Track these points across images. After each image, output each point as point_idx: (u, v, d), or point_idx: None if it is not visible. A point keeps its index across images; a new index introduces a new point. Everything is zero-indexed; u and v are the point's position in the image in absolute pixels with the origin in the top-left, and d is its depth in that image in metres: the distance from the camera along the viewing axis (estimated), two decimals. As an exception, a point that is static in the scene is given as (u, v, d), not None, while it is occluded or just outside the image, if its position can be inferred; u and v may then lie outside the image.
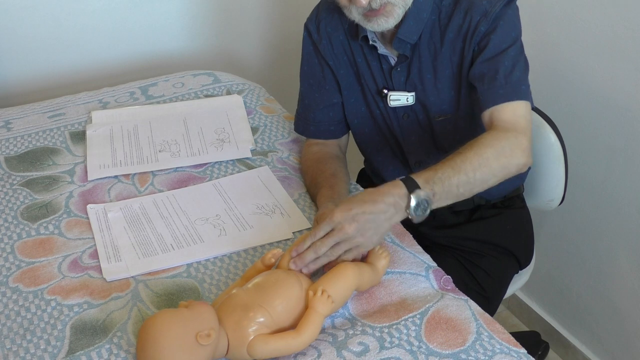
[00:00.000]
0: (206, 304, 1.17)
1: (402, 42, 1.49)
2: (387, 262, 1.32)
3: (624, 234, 1.93)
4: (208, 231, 1.48)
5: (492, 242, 1.66)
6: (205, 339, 1.11)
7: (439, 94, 1.54)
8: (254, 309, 1.16)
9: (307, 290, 1.21)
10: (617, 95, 1.82)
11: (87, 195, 1.60)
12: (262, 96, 2.00)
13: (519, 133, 1.37)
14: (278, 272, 1.24)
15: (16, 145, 1.78)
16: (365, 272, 1.27)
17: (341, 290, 1.22)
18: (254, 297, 1.18)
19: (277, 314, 1.17)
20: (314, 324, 1.17)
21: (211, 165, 1.69)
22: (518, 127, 1.38)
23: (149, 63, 2.35)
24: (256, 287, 1.20)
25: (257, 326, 1.15)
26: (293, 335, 1.16)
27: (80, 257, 1.42)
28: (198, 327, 1.12)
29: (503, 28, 1.45)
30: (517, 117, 1.39)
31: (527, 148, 1.37)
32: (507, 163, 1.33)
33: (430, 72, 1.53)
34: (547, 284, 2.26)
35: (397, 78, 1.55)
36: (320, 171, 1.58)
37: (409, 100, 1.56)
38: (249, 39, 2.49)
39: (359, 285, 1.26)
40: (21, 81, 2.21)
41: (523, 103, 1.42)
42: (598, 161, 1.93)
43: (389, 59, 1.55)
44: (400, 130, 1.61)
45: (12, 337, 1.25)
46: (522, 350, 1.19)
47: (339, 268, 1.25)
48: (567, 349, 2.24)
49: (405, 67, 1.54)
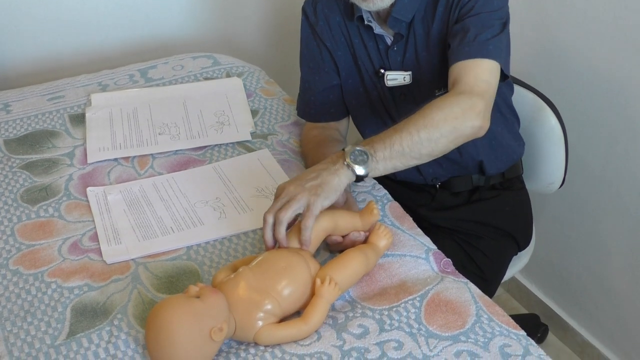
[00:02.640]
0: (218, 293, 1.15)
1: (397, 21, 1.49)
2: (389, 243, 1.32)
3: (623, 217, 1.93)
4: (208, 214, 1.48)
5: (491, 224, 1.66)
6: (218, 334, 1.11)
7: (435, 70, 1.53)
8: (262, 295, 1.16)
9: (315, 277, 1.21)
10: (618, 78, 1.81)
11: (86, 178, 1.60)
12: (262, 79, 1.99)
13: (475, 95, 1.32)
14: (287, 255, 1.23)
15: (15, 128, 1.77)
16: (370, 256, 1.27)
17: (347, 277, 1.23)
18: (262, 282, 1.18)
19: (285, 302, 1.17)
20: (321, 312, 1.18)
21: (211, 148, 1.69)
22: (475, 90, 1.33)
23: (149, 45, 2.34)
24: (265, 270, 1.19)
25: (264, 313, 1.16)
26: (300, 324, 1.17)
27: (80, 240, 1.42)
28: (212, 321, 1.11)
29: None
30: (477, 80, 1.35)
31: (482, 111, 1.32)
32: (458, 125, 1.30)
33: (425, 49, 1.52)
34: (547, 267, 2.27)
35: (394, 57, 1.55)
36: (322, 154, 1.58)
37: (405, 79, 1.55)
38: (249, 21, 2.48)
39: (367, 270, 1.27)
40: (20, 64, 2.20)
41: (487, 62, 1.37)
42: (598, 144, 1.93)
43: (385, 39, 1.55)
44: (397, 110, 1.61)
45: (13, 320, 1.25)
46: (521, 333, 1.19)
47: (346, 255, 1.26)
48: (566, 332, 2.25)
49: (402, 46, 1.53)
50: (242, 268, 1.21)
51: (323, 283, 1.19)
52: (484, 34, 1.39)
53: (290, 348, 1.16)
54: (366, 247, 1.29)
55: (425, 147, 1.29)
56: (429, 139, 1.28)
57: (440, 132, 1.29)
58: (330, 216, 1.28)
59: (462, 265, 1.48)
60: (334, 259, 1.26)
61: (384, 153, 1.28)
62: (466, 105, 1.31)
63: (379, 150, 1.28)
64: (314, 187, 1.24)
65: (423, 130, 1.28)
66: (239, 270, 1.21)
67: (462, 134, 1.31)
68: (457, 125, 1.30)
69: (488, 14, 1.42)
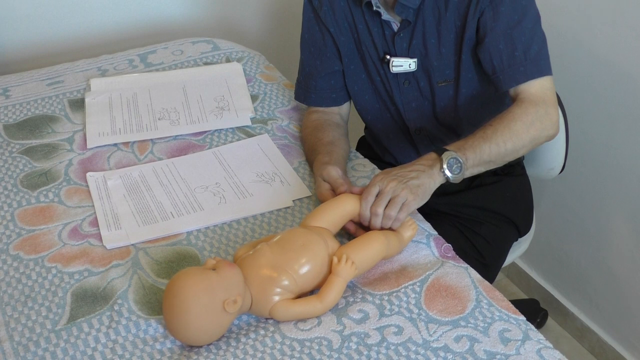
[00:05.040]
0: (233, 266, 1.17)
1: (404, 7, 1.48)
2: (414, 233, 1.33)
3: (623, 203, 1.93)
4: (208, 199, 1.48)
5: (492, 210, 1.66)
6: (232, 306, 1.13)
7: (443, 58, 1.53)
8: (279, 271, 1.18)
9: (332, 255, 1.22)
10: (619, 64, 1.81)
11: (86, 163, 1.59)
12: (261, 64, 1.98)
13: (548, 105, 1.44)
14: (306, 233, 1.23)
15: (15, 113, 1.77)
16: (392, 241, 1.28)
17: (366, 257, 1.24)
18: (280, 259, 1.19)
19: (302, 279, 1.19)
20: (337, 290, 1.19)
21: (211, 133, 1.69)
22: (546, 100, 1.44)
23: (148, 30, 2.33)
24: (283, 247, 1.21)
25: (281, 289, 1.17)
26: (315, 302, 1.18)
27: (81, 225, 1.42)
28: (225, 293, 1.13)
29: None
30: (544, 89, 1.45)
31: (556, 120, 1.45)
32: (537, 135, 1.42)
33: (435, 37, 1.51)
34: (547, 253, 2.27)
35: (400, 44, 1.54)
36: (318, 139, 1.58)
37: (411, 66, 1.55)
38: (248, 5, 2.47)
39: (386, 254, 1.28)
40: (19, 48, 2.20)
41: (545, 77, 1.46)
42: (599, 130, 1.93)
43: (391, 25, 1.54)
44: (401, 97, 1.60)
45: (13, 304, 1.25)
46: (521, 318, 1.19)
47: (367, 236, 1.26)
48: (566, 317, 2.25)
49: (409, 33, 1.53)
50: (261, 245, 1.22)
51: (340, 262, 1.20)
52: (532, 47, 1.45)
53: (290, 333, 1.17)
54: (391, 232, 1.29)
55: (509, 156, 1.42)
56: (513, 149, 1.40)
57: (523, 142, 1.41)
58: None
59: (463, 251, 1.48)
60: (355, 239, 1.27)
61: (474, 161, 1.37)
62: (543, 116, 1.42)
63: (470, 159, 1.36)
64: (415, 186, 1.30)
65: (509, 141, 1.39)
66: (258, 247, 1.22)
67: (539, 142, 1.45)
68: (536, 135, 1.42)
69: (525, 21, 1.45)
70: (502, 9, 1.45)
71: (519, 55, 1.45)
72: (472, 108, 1.59)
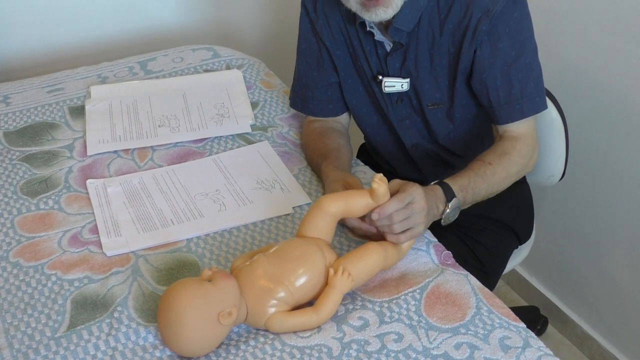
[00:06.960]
0: (229, 278, 1.16)
1: (398, 31, 1.47)
2: (412, 243, 1.32)
3: (623, 210, 1.93)
4: (208, 206, 1.48)
5: (492, 217, 1.66)
6: (227, 318, 1.13)
7: (434, 82, 1.53)
8: (276, 283, 1.17)
9: (329, 267, 1.21)
10: (618, 71, 1.81)
11: (86, 170, 1.59)
12: (261, 71, 1.99)
13: (534, 146, 1.51)
14: (303, 244, 1.23)
15: (15, 120, 1.77)
16: (390, 253, 1.27)
17: (363, 269, 1.22)
18: (277, 270, 1.18)
19: (298, 291, 1.18)
20: (333, 303, 1.18)
21: (211, 140, 1.69)
22: (534, 139, 1.51)
23: (148, 37, 2.34)
24: (280, 258, 1.20)
25: (276, 301, 1.17)
26: (310, 314, 1.18)
27: (80, 232, 1.42)
28: (221, 305, 1.13)
29: (510, 34, 1.44)
30: (531, 129, 1.51)
31: (536, 155, 1.53)
32: (524, 170, 1.51)
33: (427, 60, 1.51)
34: (547, 259, 2.27)
35: (392, 64, 1.53)
36: (324, 144, 1.58)
37: (403, 86, 1.54)
38: (249, 13, 2.47)
39: (384, 266, 1.27)
40: (20, 55, 2.20)
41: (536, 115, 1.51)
42: (599, 137, 1.93)
43: (384, 45, 1.53)
44: (394, 114, 1.60)
45: (13, 312, 1.25)
46: (521, 325, 1.19)
47: (365, 247, 1.25)
48: (566, 324, 2.25)
49: (401, 54, 1.52)
50: (258, 255, 1.22)
51: (336, 273, 1.19)
52: (528, 84, 1.47)
53: (290, 340, 1.16)
54: (388, 244, 1.28)
55: (498, 190, 1.48)
56: (505, 185, 1.48)
57: (512, 179, 1.49)
58: (341, 199, 1.26)
59: (463, 258, 1.48)
60: (353, 250, 1.26)
61: (466, 203, 1.41)
62: (532, 158, 1.51)
63: (467, 202, 1.41)
64: (429, 221, 1.33)
65: (502, 183, 1.47)
66: (255, 257, 1.22)
67: (522, 175, 1.53)
68: (522, 170, 1.51)
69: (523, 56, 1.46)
70: (500, 45, 1.44)
71: (516, 92, 1.46)
72: (467, 128, 1.59)
